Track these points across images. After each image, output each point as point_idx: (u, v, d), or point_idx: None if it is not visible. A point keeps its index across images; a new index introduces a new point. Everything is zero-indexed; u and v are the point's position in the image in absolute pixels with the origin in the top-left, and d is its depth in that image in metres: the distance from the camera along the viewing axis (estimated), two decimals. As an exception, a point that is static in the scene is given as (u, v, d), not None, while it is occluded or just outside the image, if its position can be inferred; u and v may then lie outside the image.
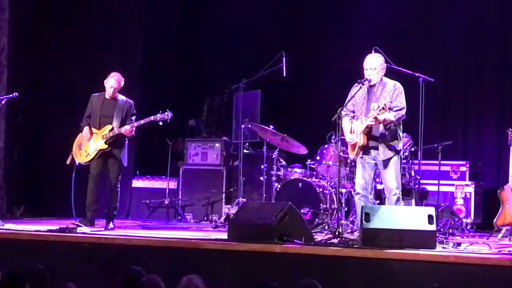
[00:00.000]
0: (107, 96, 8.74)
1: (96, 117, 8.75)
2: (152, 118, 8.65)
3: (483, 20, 10.76)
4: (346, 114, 7.67)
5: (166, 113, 8.62)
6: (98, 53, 10.98)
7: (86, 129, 8.71)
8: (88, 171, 8.80)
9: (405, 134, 8.63)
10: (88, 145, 8.69)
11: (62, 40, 10.99)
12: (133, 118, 8.77)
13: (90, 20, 11.07)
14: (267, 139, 9.83)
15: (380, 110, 7.24)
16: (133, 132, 8.70)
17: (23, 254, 7.32)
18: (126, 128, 8.57)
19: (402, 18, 10.96)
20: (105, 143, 8.61)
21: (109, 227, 8.58)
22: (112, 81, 8.70)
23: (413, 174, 9.26)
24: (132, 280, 5.05)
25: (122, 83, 8.77)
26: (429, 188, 9.73)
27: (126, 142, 8.81)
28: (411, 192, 9.05)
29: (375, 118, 7.29)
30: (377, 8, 10.89)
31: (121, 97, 8.80)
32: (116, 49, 11.27)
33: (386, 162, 7.51)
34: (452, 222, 9.05)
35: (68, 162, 8.77)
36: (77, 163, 8.70)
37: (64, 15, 11.04)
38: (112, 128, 8.63)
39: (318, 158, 9.50)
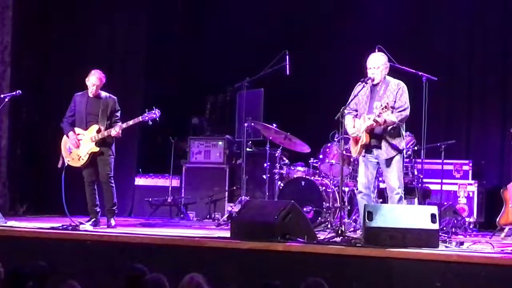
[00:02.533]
0: (90, 95, 8.69)
1: (82, 117, 8.70)
2: (140, 118, 8.55)
3: (487, 19, 10.74)
4: (349, 113, 7.66)
5: (153, 111, 8.51)
6: (101, 52, 10.99)
7: (71, 135, 8.66)
8: (80, 170, 8.78)
9: (408, 133, 8.63)
10: (79, 149, 8.65)
11: (65, 38, 11.00)
12: (118, 114, 8.72)
13: (93, 19, 11.08)
14: (270, 138, 9.83)
15: (382, 109, 7.24)
16: (120, 133, 8.64)
17: (25, 252, 7.33)
18: (115, 132, 8.52)
19: (405, 16, 10.94)
20: (96, 145, 8.59)
21: (112, 225, 8.58)
22: (94, 79, 8.65)
23: (416, 173, 9.25)
24: (134, 278, 5.05)
25: (104, 79, 8.72)
26: (432, 187, 9.74)
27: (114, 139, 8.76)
28: (414, 191, 9.05)
29: (376, 121, 7.30)
30: (380, 7, 10.87)
31: (104, 93, 8.75)
32: (119, 47, 11.28)
33: (388, 161, 7.51)
34: (455, 221, 9.04)
35: (59, 165, 8.74)
36: (66, 164, 8.67)
37: (67, 13, 11.04)
38: (99, 129, 8.58)
39: (321, 156, 9.50)
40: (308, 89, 11.30)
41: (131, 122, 8.61)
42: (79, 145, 8.61)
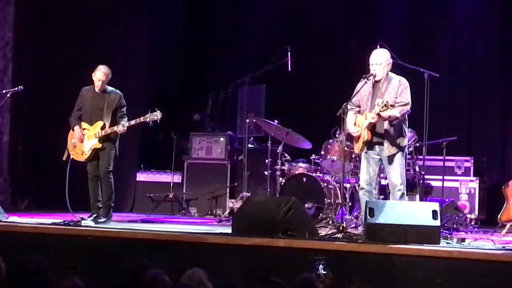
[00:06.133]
0: (96, 90, 8.69)
1: (87, 111, 8.70)
2: (142, 119, 8.53)
3: (489, 15, 10.74)
4: (351, 109, 7.66)
5: (155, 113, 8.48)
6: (102, 48, 10.97)
7: (77, 129, 8.68)
8: (84, 165, 8.78)
9: (409, 129, 8.62)
10: (83, 144, 8.67)
11: (66, 34, 11.00)
12: (124, 109, 8.71)
13: (95, 14, 11.07)
14: (272, 134, 9.83)
15: (383, 107, 7.23)
16: (125, 130, 8.64)
17: (27, 247, 7.32)
18: (119, 130, 8.53)
19: (408, 12, 10.94)
20: (99, 141, 8.60)
21: (97, 221, 8.51)
22: (100, 74, 8.64)
23: (417, 169, 9.25)
24: (136, 273, 5.05)
25: (110, 75, 8.72)
26: (434, 183, 9.73)
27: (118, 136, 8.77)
28: (416, 188, 9.05)
29: (378, 115, 7.28)
30: (383, 3, 10.87)
31: (110, 88, 8.74)
32: (120, 43, 11.27)
33: (391, 158, 7.50)
34: (456, 217, 9.05)
35: (64, 158, 8.77)
36: (70, 157, 8.69)
37: (68, 9, 11.03)
38: (104, 125, 8.58)
39: (322, 153, 9.50)
40: (310, 85, 11.29)
41: (133, 122, 8.60)
42: (83, 140, 8.63)
